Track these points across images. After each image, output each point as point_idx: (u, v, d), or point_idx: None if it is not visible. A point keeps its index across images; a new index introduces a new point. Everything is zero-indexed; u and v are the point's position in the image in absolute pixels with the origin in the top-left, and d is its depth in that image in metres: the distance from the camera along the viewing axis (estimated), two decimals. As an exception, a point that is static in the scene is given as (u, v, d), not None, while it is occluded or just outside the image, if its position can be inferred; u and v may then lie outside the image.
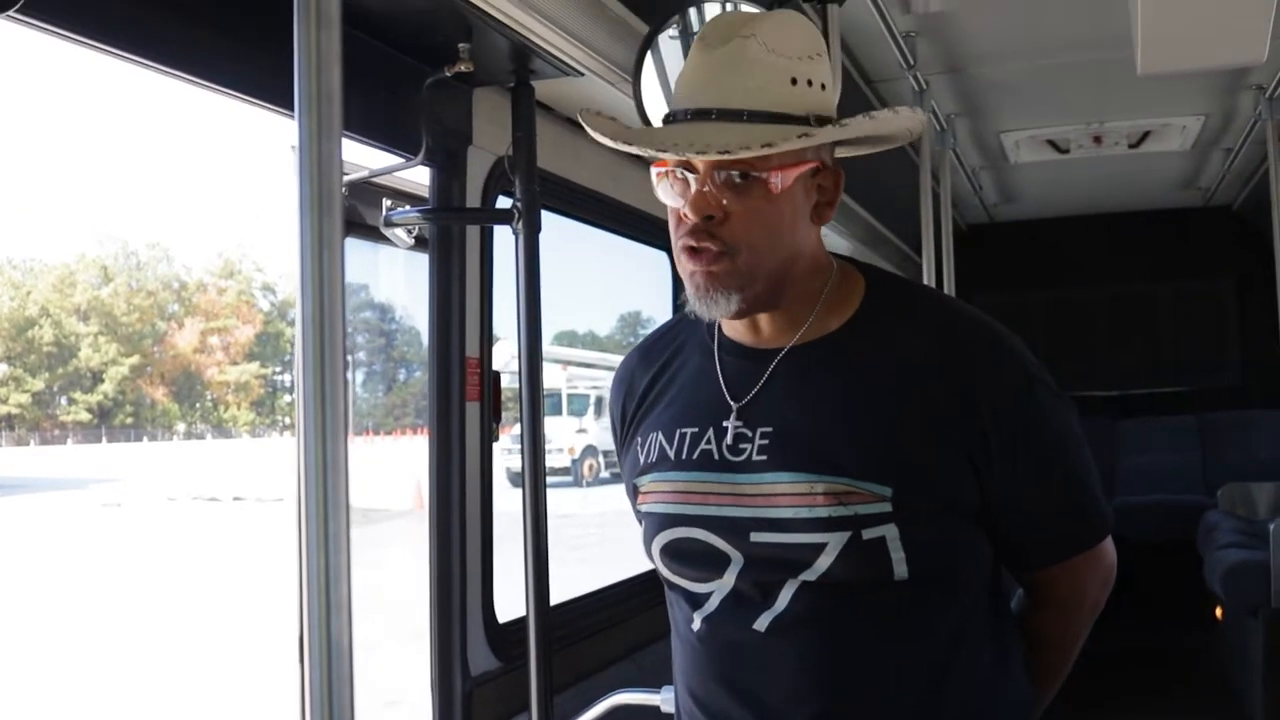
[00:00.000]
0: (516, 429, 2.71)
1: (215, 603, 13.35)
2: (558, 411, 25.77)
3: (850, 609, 1.57)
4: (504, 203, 2.72)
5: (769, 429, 1.61)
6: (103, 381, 61.53)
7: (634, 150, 1.60)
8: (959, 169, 6.07)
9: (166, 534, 20.73)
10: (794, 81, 1.55)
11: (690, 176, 1.55)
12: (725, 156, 1.49)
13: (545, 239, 2.68)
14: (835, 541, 1.54)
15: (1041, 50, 4.36)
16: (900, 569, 1.54)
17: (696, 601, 1.67)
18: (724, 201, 1.54)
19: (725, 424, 1.64)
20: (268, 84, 1.99)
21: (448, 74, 2.45)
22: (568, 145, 3.09)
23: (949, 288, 5.01)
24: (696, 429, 1.67)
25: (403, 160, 2.53)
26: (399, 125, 2.49)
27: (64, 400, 62.48)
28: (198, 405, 66.94)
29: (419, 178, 2.71)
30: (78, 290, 62.37)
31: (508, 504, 2.86)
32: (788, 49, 1.56)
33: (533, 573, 2.58)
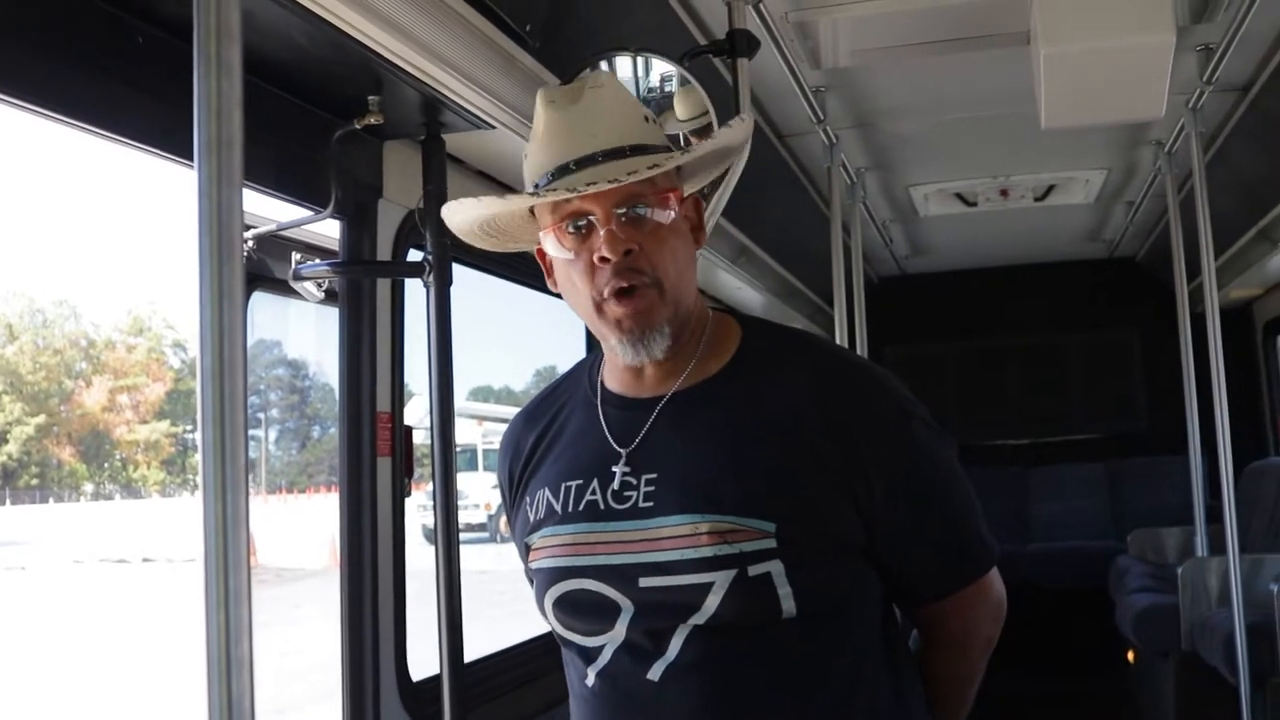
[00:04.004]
0: (430, 486, 2.68)
1: (120, 666, 13.03)
2: (473, 467, 25.57)
3: (743, 652, 1.57)
4: (415, 256, 2.70)
5: (653, 475, 1.63)
6: (6, 442, 60.09)
7: (547, 199, 1.61)
8: (870, 222, 6.14)
9: (72, 597, 20.22)
10: (646, 119, 1.68)
11: (593, 220, 1.60)
12: (634, 178, 1.55)
13: (460, 293, 2.67)
14: (721, 580, 1.54)
15: (949, 105, 4.44)
16: (788, 604, 1.54)
17: (589, 656, 1.66)
18: (633, 236, 1.59)
19: (614, 469, 1.66)
20: (169, 134, 1.97)
21: (357, 126, 2.44)
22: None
23: (861, 339, 5.06)
24: (581, 481, 1.69)
25: (312, 213, 2.51)
26: (308, 178, 2.46)
27: (-35, 462, 60.94)
28: (106, 465, 65.53)
29: (329, 231, 2.69)
30: (-19, 349, 61.06)
31: (426, 561, 2.82)
32: (630, 96, 1.73)
33: (446, 629, 2.54)
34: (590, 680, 1.66)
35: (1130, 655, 6.22)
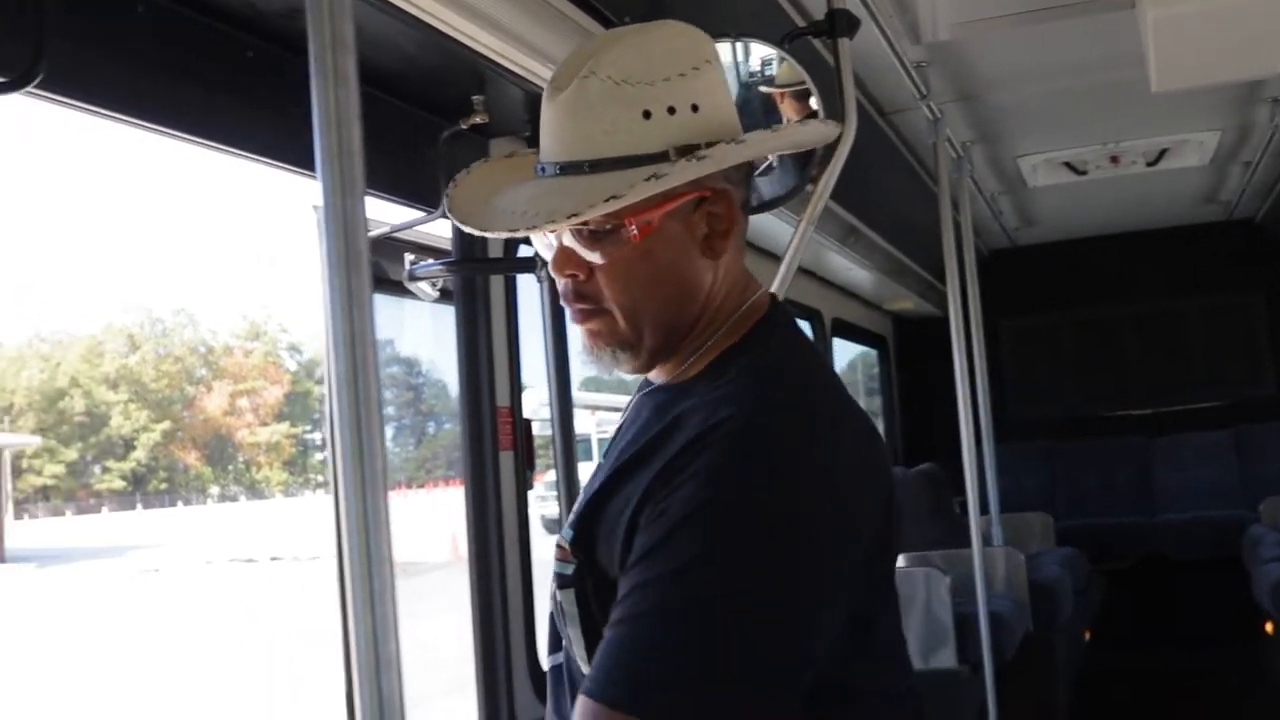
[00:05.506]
0: (548, 476, 2.71)
1: (259, 663, 13.33)
2: (588, 456, 25.72)
3: (569, 701, 1.36)
4: (526, 251, 2.73)
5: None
6: (135, 448, 61.57)
7: (475, 230, 1.47)
8: (978, 195, 6.07)
9: (206, 597, 20.75)
10: (647, 115, 1.33)
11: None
12: (552, 227, 1.32)
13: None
14: (558, 599, 1.38)
15: (1053, 73, 4.37)
16: (579, 652, 1.33)
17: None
18: (588, 256, 1.35)
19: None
20: (288, 145, 2.02)
21: (464, 126, 2.48)
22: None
23: (975, 313, 5.00)
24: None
25: (424, 214, 2.55)
26: (418, 179, 2.50)
27: (98, 469, 62.57)
28: (230, 467, 66.90)
29: (441, 231, 2.73)
30: (106, 359, 62.59)
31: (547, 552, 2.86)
32: (644, 74, 1.34)
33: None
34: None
35: (1268, 626, 6.08)
